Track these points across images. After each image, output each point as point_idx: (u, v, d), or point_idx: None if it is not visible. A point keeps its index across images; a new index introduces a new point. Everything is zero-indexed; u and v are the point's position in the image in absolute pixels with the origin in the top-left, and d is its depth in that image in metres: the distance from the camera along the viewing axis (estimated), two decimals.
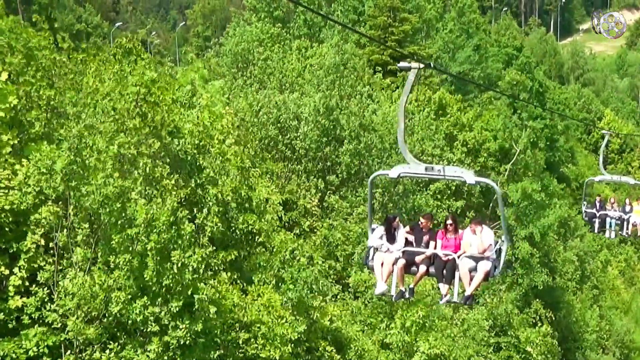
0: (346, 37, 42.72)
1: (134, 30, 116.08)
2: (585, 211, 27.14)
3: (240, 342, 19.17)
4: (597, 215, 26.75)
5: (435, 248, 13.48)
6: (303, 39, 43.74)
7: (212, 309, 17.39)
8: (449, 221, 13.68)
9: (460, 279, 13.15)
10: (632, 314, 57.37)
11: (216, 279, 18.73)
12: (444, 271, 13.24)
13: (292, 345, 19.64)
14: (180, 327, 16.93)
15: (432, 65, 11.09)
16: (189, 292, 17.17)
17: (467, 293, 13.23)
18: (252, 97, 34.39)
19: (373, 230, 13.59)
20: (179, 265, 16.72)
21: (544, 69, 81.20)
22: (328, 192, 31.28)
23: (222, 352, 18.31)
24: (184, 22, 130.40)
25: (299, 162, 32.80)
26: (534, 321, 37.56)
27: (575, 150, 71.34)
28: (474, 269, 13.19)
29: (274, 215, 22.06)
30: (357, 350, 23.17)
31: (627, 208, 26.80)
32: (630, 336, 52.23)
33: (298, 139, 32.79)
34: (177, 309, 16.89)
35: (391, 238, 13.58)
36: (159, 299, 16.93)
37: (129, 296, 16.75)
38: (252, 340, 19.26)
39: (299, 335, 20.01)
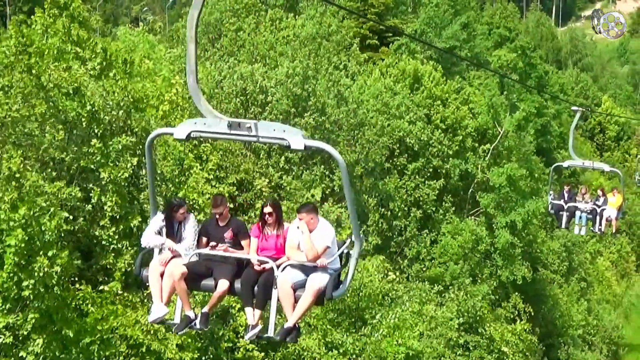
0: (326, 9, 40.22)
1: (128, 6, 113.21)
2: (551, 202, 23.28)
3: (122, 357, 16.29)
4: (565, 207, 23.02)
5: (247, 250, 9.23)
6: (279, 9, 41.36)
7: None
8: (268, 209, 9.27)
9: (278, 301, 8.73)
10: (623, 308, 54.75)
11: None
12: (255, 288, 8.85)
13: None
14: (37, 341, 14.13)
15: None
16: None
17: (289, 324, 8.70)
18: (213, 67, 32.12)
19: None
20: (43, 271, 13.87)
21: (540, 53, 78.34)
22: (281, 172, 28.64)
23: None
24: None
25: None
26: (512, 317, 34.88)
27: (569, 137, 68.59)
28: (301, 286, 8.74)
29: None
30: (294, 349, 20.51)
31: (601, 200, 23.24)
32: (619, 332, 49.55)
33: (266, 111, 30.33)
34: (34, 320, 13.99)
35: (173, 234, 9.23)
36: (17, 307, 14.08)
37: None
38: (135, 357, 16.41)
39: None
